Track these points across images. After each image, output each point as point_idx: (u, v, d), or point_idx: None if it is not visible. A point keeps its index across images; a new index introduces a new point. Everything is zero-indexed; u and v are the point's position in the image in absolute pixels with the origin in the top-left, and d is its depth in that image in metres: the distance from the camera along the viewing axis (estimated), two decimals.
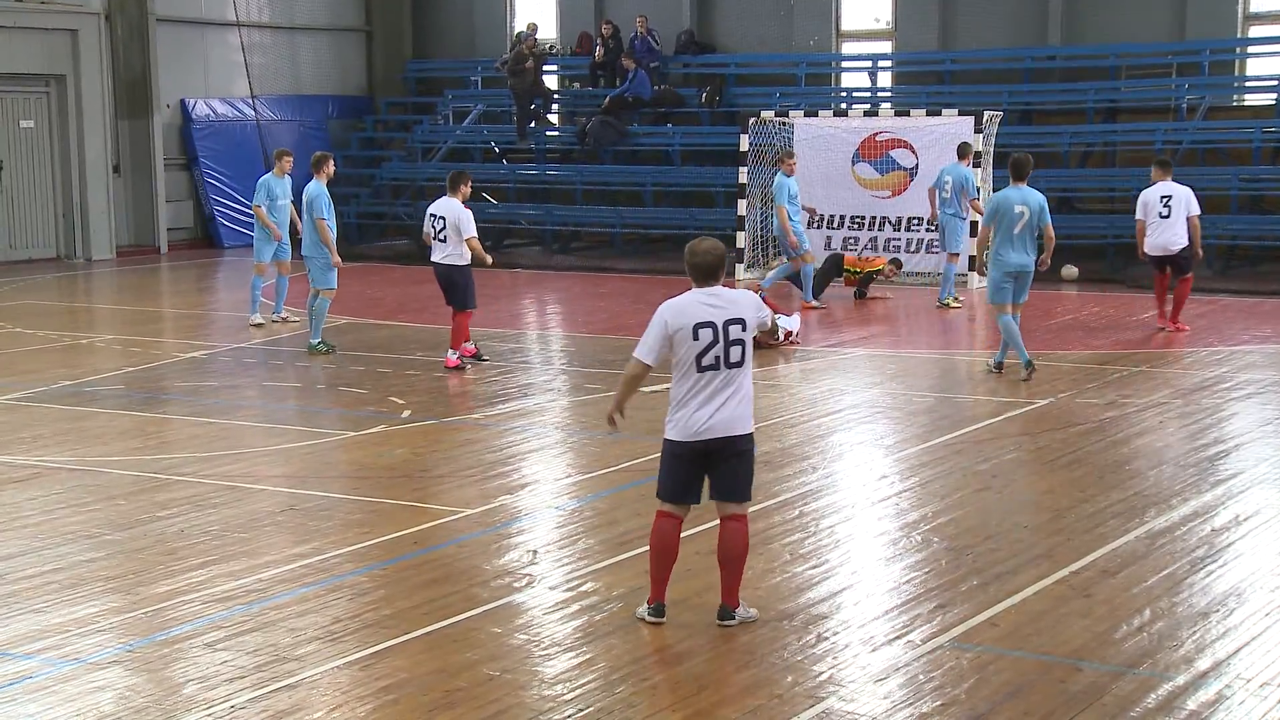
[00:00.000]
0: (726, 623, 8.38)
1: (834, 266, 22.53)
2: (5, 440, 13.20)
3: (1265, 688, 7.49)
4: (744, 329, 8.27)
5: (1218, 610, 8.63)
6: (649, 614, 8.47)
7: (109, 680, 7.70)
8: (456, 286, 16.42)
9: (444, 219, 16.24)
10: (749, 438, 8.38)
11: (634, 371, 8.38)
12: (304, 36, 33.15)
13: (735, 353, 8.25)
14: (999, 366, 15.92)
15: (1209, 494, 11.19)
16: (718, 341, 8.19)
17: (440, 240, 16.34)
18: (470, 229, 16.12)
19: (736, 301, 8.35)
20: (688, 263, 8.34)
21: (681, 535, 8.41)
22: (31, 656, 8.02)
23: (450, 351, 16.53)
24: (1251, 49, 27.67)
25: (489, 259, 16.77)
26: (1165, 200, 18.38)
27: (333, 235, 17.47)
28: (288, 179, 19.60)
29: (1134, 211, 22.91)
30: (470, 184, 16.83)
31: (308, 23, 33.13)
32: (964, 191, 21.30)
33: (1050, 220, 15.54)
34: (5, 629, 8.46)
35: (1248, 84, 27.68)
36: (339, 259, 17.65)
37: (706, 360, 8.20)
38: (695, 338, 8.18)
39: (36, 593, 9.06)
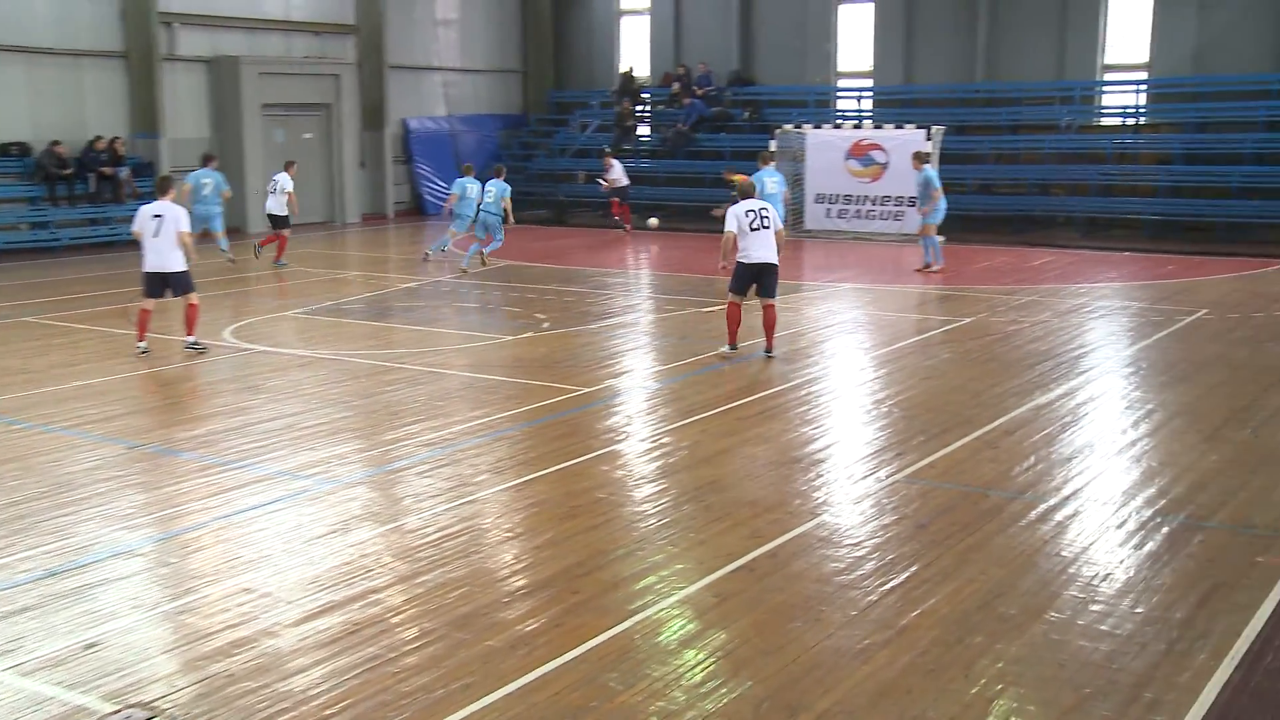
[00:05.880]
0: (769, 355, 11.86)
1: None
2: (291, 339, 13.43)
3: (1105, 506, 7.44)
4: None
5: (1078, 457, 8.54)
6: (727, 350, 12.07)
7: (357, 495, 7.84)
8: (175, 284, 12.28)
9: (161, 217, 12.04)
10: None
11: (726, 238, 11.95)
12: (481, 75, 32.84)
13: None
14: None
15: (1074, 381, 11.04)
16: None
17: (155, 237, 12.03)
18: (185, 224, 12.10)
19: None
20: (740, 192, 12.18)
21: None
22: (309, 477, 8.18)
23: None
24: (1106, 88, 26.87)
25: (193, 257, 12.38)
26: None
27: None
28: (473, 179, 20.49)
29: (1029, 193, 22.31)
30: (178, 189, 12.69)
31: (484, 66, 32.82)
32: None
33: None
34: (294, 459, 8.63)
35: (1104, 111, 26.97)
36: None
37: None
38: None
39: (312, 438, 9.23)
